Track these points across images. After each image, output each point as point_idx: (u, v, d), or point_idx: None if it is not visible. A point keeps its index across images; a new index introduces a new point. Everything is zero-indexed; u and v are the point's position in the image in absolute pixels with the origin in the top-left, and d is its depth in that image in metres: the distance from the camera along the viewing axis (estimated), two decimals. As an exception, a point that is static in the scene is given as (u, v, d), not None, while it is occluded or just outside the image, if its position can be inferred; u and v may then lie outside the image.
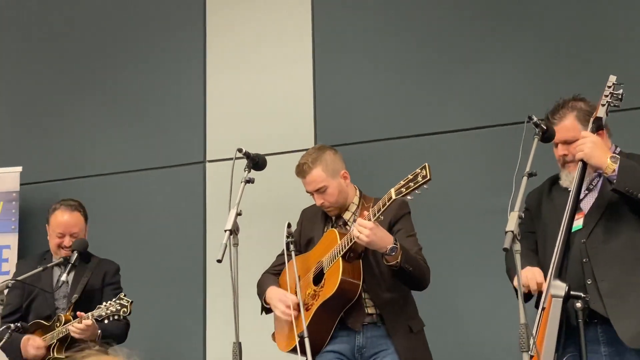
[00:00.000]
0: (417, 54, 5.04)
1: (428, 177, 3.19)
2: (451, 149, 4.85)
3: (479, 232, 4.62)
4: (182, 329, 5.10)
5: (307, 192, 3.77)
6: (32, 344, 4.02)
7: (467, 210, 4.75)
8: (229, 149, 5.07)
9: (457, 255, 4.71)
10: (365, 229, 3.33)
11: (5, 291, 3.80)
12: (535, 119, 3.10)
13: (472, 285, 4.67)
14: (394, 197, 3.28)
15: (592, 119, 3.23)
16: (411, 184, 3.23)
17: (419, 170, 3.23)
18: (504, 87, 4.81)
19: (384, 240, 3.39)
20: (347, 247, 3.47)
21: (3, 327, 3.83)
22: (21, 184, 5.35)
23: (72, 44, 5.76)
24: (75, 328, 3.91)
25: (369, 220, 3.36)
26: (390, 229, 3.55)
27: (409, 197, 3.26)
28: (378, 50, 5.14)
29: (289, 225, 3.56)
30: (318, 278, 3.64)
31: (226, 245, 3.33)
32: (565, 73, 4.66)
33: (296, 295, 3.53)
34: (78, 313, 3.94)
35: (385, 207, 3.33)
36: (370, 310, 3.59)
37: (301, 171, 3.74)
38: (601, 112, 3.23)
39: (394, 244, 3.39)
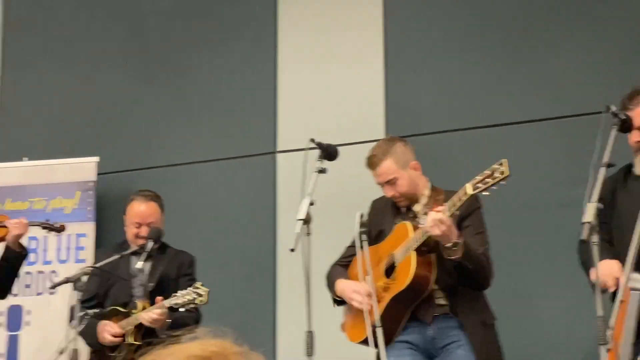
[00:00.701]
0: (489, 43, 4.99)
1: (507, 174, 3.16)
2: (524, 139, 4.79)
3: (552, 225, 4.55)
4: (253, 318, 5.14)
5: (378, 183, 3.76)
6: (109, 330, 4.09)
7: (540, 202, 4.69)
8: (300, 139, 5.10)
9: (530, 248, 4.65)
10: (442, 225, 3.30)
11: (84, 278, 3.89)
12: (613, 109, 3.05)
13: (546, 278, 4.60)
14: (471, 192, 3.25)
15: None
16: (489, 179, 3.19)
17: (497, 166, 3.19)
18: (578, 76, 4.73)
19: (453, 235, 3.36)
20: (420, 241, 3.45)
21: (81, 313, 3.90)
22: (98, 174, 5.44)
23: (147, 37, 5.84)
24: (146, 316, 3.97)
25: (444, 214, 3.33)
26: (459, 224, 3.51)
27: (485, 193, 3.23)
28: (449, 40, 5.10)
29: (362, 216, 3.55)
30: (389, 271, 3.63)
31: (299, 235, 3.35)
32: (641, 62, 4.57)
33: (368, 285, 3.53)
34: (157, 298, 4.01)
35: (462, 203, 3.30)
36: (442, 302, 3.56)
37: (371, 163, 3.72)
38: None
39: (458, 239, 3.36)
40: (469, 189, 3.26)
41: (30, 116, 5.94)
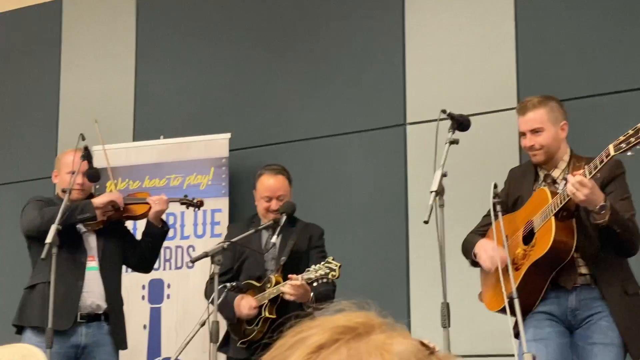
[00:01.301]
0: (628, 1, 4.79)
1: None
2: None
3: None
4: (386, 291, 5.14)
5: (520, 132, 3.67)
6: (245, 304, 4.16)
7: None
8: (429, 110, 5.07)
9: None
10: (584, 188, 3.23)
11: (221, 252, 3.98)
12: None
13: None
14: (612, 153, 3.17)
15: None
16: (632, 139, 3.11)
17: None
18: None
19: (598, 198, 3.28)
20: (560, 206, 3.38)
21: (220, 287, 3.99)
22: (230, 150, 5.55)
23: (276, 13, 5.89)
24: (287, 289, 4.03)
25: (585, 177, 3.26)
26: (602, 190, 3.42)
27: (629, 153, 3.14)
28: (584, 1, 4.92)
29: (496, 186, 3.51)
30: (528, 238, 3.57)
31: (432, 207, 3.34)
32: None
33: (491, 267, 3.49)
34: (290, 276, 4.06)
35: (603, 163, 3.23)
36: (583, 270, 3.49)
37: (523, 107, 3.66)
38: None
39: (605, 202, 3.29)
40: (611, 149, 3.19)
41: (166, 96, 6.10)
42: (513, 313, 3.35)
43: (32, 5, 6.72)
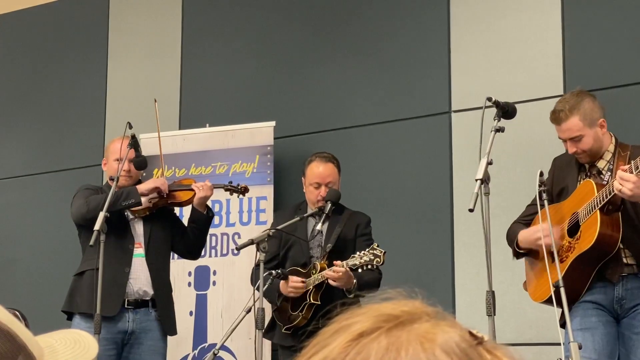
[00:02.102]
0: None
1: None
2: None
3: None
4: (431, 278, 5.14)
5: (560, 138, 3.66)
6: (292, 278, 4.17)
7: None
8: (475, 98, 5.04)
9: None
10: (629, 182, 3.19)
11: (266, 239, 4.01)
12: None
13: None
14: None
15: None
16: None
17: None
18: None
19: None
20: (605, 200, 3.35)
21: (266, 273, 4.02)
22: (275, 138, 5.57)
23: (321, 0, 5.88)
24: (331, 275, 4.04)
25: (631, 172, 3.21)
26: None
27: None
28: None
29: (541, 174, 3.48)
30: (573, 230, 3.54)
31: (477, 195, 3.33)
32: None
33: (550, 244, 3.45)
34: (335, 262, 4.07)
35: None
36: (630, 261, 3.46)
37: (557, 118, 3.62)
38: None
39: None
40: None
41: (211, 84, 6.14)
42: (558, 304, 3.33)
43: (80, -5, 6.81)
